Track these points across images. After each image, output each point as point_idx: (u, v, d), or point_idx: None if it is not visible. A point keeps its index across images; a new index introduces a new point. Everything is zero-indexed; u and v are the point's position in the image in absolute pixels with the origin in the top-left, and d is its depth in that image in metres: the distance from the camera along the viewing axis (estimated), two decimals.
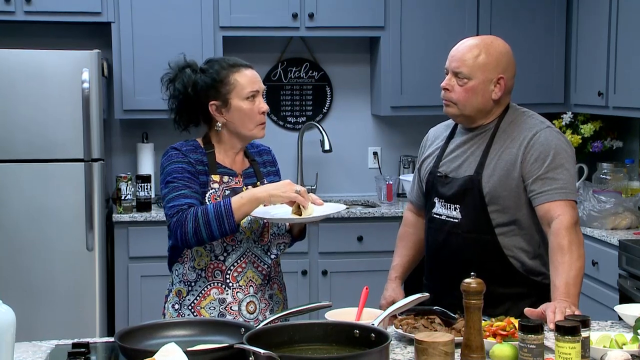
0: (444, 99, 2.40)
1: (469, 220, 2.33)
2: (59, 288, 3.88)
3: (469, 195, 2.33)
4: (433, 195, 2.43)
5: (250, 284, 2.30)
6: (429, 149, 2.54)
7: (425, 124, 4.79)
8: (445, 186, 2.38)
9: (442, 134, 2.52)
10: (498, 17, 4.45)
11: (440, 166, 2.43)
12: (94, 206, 3.88)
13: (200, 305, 2.28)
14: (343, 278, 4.21)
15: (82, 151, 3.87)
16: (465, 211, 2.33)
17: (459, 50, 2.38)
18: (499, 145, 2.34)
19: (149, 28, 4.21)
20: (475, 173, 2.33)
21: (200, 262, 2.29)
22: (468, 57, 2.34)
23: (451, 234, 2.36)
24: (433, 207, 2.42)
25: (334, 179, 4.78)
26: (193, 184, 2.26)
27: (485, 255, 2.30)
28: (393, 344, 1.96)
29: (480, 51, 2.34)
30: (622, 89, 3.89)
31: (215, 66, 2.31)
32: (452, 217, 2.36)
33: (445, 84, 2.38)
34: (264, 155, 2.47)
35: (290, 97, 4.74)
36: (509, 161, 2.31)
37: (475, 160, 2.35)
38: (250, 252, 2.30)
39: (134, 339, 1.81)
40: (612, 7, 3.93)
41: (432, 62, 4.44)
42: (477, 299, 1.74)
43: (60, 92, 3.85)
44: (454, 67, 2.36)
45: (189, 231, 2.17)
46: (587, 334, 1.76)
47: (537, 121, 2.37)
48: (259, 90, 2.31)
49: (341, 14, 4.36)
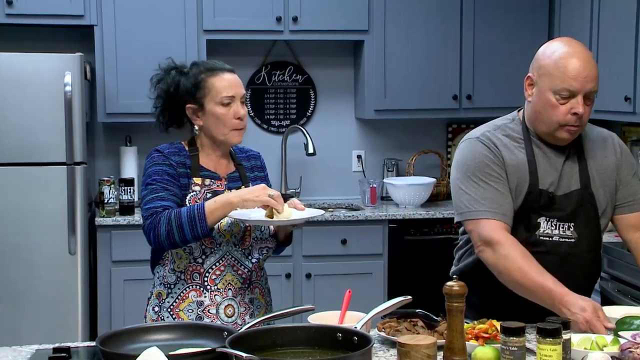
0: (574, 125, 2.10)
1: (585, 238, 2.17)
2: (41, 292, 3.85)
3: (582, 212, 2.16)
4: (535, 214, 2.15)
5: (229, 287, 2.29)
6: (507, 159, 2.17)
7: (409, 127, 4.85)
8: (553, 204, 2.14)
9: (512, 145, 2.19)
10: (481, 21, 4.48)
11: (540, 184, 2.15)
12: (76, 210, 3.86)
13: (179, 308, 2.27)
14: (327, 281, 4.21)
15: (64, 155, 3.84)
16: (580, 229, 2.16)
17: (584, 67, 2.06)
18: (592, 154, 2.21)
19: (132, 31, 4.20)
20: (584, 187, 2.16)
21: (180, 264, 2.28)
22: (594, 70, 2.08)
23: (569, 255, 2.15)
24: (536, 228, 2.15)
25: (318, 182, 4.78)
26: (171, 187, 2.25)
27: (595, 274, 2.20)
28: (376, 346, 1.96)
29: (593, 59, 2.11)
30: (603, 92, 3.91)
31: (194, 69, 2.32)
32: (567, 236, 2.16)
33: (581, 110, 2.07)
34: (252, 160, 2.46)
35: (274, 100, 4.74)
36: (610, 169, 2.21)
37: (575, 172, 2.17)
38: (229, 255, 2.29)
39: (116, 343, 1.80)
40: (594, 10, 3.97)
41: (416, 65, 4.46)
42: (459, 301, 1.74)
43: (43, 96, 3.83)
44: (590, 88, 2.07)
45: (162, 234, 2.17)
46: (568, 336, 1.77)
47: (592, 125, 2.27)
48: (235, 95, 2.29)
49: (325, 18, 4.36)
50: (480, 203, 2.15)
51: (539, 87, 2.14)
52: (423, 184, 4.43)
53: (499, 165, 2.16)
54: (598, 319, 1.95)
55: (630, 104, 3.66)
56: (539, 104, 2.14)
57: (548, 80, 2.10)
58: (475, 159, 2.19)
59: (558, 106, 2.10)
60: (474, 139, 2.23)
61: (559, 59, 2.09)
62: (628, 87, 3.68)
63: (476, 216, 2.15)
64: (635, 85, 3.64)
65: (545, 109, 2.12)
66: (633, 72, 3.65)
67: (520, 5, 4.51)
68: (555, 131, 2.14)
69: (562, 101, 2.10)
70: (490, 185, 2.15)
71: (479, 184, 2.16)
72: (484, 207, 2.15)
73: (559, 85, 2.08)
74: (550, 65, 2.10)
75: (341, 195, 4.78)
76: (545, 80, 2.11)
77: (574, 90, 2.07)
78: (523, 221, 2.16)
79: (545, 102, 2.12)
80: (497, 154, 2.17)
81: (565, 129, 2.12)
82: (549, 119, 2.13)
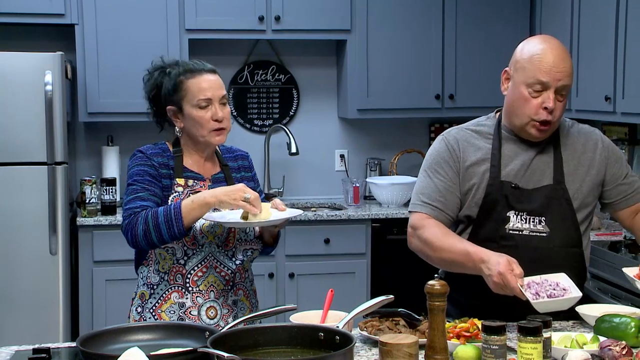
0: (545, 122, 2.12)
1: (558, 233, 2.17)
2: (21, 293, 3.82)
3: (555, 206, 2.16)
4: (504, 209, 2.16)
5: (212, 289, 2.27)
6: (465, 158, 2.21)
7: (391, 126, 4.86)
8: (522, 198, 2.16)
9: (478, 142, 2.23)
10: (463, 20, 4.50)
11: (502, 176, 2.17)
12: (57, 210, 3.83)
13: (161, 309, 2.26)
14: (310, 281, 4.21)
15: (45, 154, 3.82)
16: (553, 223, 2.16)
17: (557, 61, 2.09)
18: (570, 150, 2.22)
19: (113, 30, 4.18)
20: (556, 182, 2.17)
21: (164, 265, 2.27)
22: (568, 66, 2.10)
23: (541, 250, 2.15)
24: (506, 222, 2.16)
25: (301, 182, 4.78)
26: (152, 187, 2.24)
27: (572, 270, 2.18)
28: (358, 346, 1.97)
29: (569, 55, 2.13)
30: (584, 92, 3.95)
31: (174, 70, 2.29)
32: (538, 231, 2.16)
33: (552, 104, 2.10)
34: (240, 160, 2.44)
35: (257, 99, 4.73)
36: (592, 166, 2.22)
37: (549, 167, 2.19)
38: (212, 257, 2.27)
39: (97, 343, 1.79)
40: (574, 10, 3.99)
41: (398, 65, 4.47)
42: (441, 300, 1.75)
43: (23, 95, 3.80)
44: (562, 82, 2.10)
45: (139, 234, 2.15)
46: (549, 334, 1.78)
47: (574, 121, 2.32)
48: (212, 98, 2.25)
49: (308, 17, 4.36)
50: (418, 196, 2.24)
51: (514, 81, 2.17)
52: (406, 183, 4.44)
53: (449, 164, 2.22)
54: (511, 272, 1.97)
55: (610, 103, 3.69)
56: (513, 97, 2.18)
57: (522, 73, 2.14)
58: (432, 155, 2.27)
59: (530, 100, 2.13)
60: (441, 137, 2.29)
61: (534, 53, 2.13)
62: (608, 86, 3.71)
63: (413, 209, 2.26)
64: (615, 85, 3.67)
65: (519, 102, 2.15)
66: (613, 71, 3.67)
67: (501, 6, 4.53)
68: (526, 126, 2.16)
69: (534, 94, 2.13)
70: (432, 181, 2.23)
71: (425, 179, 2.25)
72: (419, 200, 2.24)
73: (531, 78, 2.12)
74: (526, 59, 2.14)
75: (324, 195, 4.78)
76: (520, 74, 2.14)
77: (546, 83, 2.10)
78: (492, 215, 2.18)
79: (518, 95, 2.15)
80: (453, 153, 2.23)
81: (534, 124, 2.14)
82: (522, 113, 2.15)
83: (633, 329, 1.95)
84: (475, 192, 2.20)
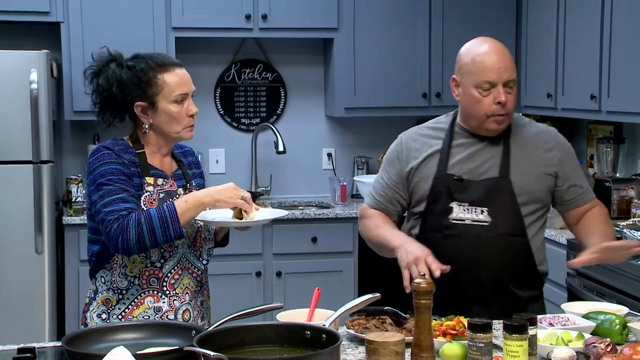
0: (501, 114, 2.23)
1: (500, 223, 2.24)
2: (7, 292, 3.80)
3: (497, 197, 2.24)
4: (447, 200, 2.27)
5: (187, 291, 2.22)
6: (415, 156, 2.35)
7: (379, 125, 4.86)
8: (465, 189, 2.25)
9: (430, 140, 2.35)
10: (450, 19, 4.51)
11: (448, 169, 2.28)
12: (43, 209, 3.81)
13: (132, 314, 2.16)
14: (297, 279, 4.21)
15: (31, 153, 3.80)
16: (495, 213, 2.24)
17: (498, 59, 2.21)
18: (519, 146, 2.29)
19: (99, 28, 4.15)
20: (501, 175, 2.25)
21: (134, 269, 2.16)
22: (509, 61, 2.22)
23: (482, 238, 2.23)
24: (449, 212, 2.26)
25: (288, 181, 4.78)
26: (129, 187, 2.12)
27: (517, 258, 2.25)
28: (344, 344, 1.97)
29: (507, 51, 2.25)
30: (570, 91, 3.97)
31: (142, 64, 2.17)
32: (480, 220, 2.24)
33: (504, 98, 2.20)
34: (188, 156, 2.36)
35: (244, 98, 4.72)
36: (541, 163, 2.29)
37: (496, 162, 2.27)
38: (184, 259, 2.22)
39: (82, 343, 1.78)
40: (560, 10, 4.01)
41: (385, 64, 4.48)
42: (427, 298, 1.76)
43: (8, 93, 3.78)
44: (507, 77, 2.21)
45: (132, 239, 2.04)
46: (534, 331, 1.79)
47: (531, 120, 2.39)
48: (188, 92, 2.20)
49: (294, 16, 4.36)
50: (371, 189, 2.46)
51: (463, 86, 2.28)
52: None
53: (394, 164, 2.39)
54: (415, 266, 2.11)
55: (595, 102, 3.71)
56: (466, 101, 2.28)
57: (469, 77, 2.24)
58: (387, 153, 2.45)
59: (482, 99, 2.23)
60: (399, 136, 2.44)
61: (475, 56, 2.24)
62: (594, 85, 3.72)
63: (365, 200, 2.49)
64: (600, 84, 3.69)
65: (472, 104, 2.25)
66: (598, 70, 3.69)
67: (487, 5, 4.55)
68: (484, 123, 2.26)
69: (484, 93, 2.23)
70: (381, 176, 2.43)
71: (379, 174, 2.46)
72: (369, 193, 2.46)
73: (478, 80, 2.22)
74: (469, 63, 2.25)
75: (311, 193, 4.78)
76: (467, 78, 2.25)
77: (493, 81, 2.21)
78: (437, 206, 2.29)
79: (470, 98, 2.25)
80: (401, 154, 2.38)
81: (493, 119, 2.24)
82: (477, 112, 2.25)
83: (618, 326, 1.96)
84: (424, 184, 2.33)
